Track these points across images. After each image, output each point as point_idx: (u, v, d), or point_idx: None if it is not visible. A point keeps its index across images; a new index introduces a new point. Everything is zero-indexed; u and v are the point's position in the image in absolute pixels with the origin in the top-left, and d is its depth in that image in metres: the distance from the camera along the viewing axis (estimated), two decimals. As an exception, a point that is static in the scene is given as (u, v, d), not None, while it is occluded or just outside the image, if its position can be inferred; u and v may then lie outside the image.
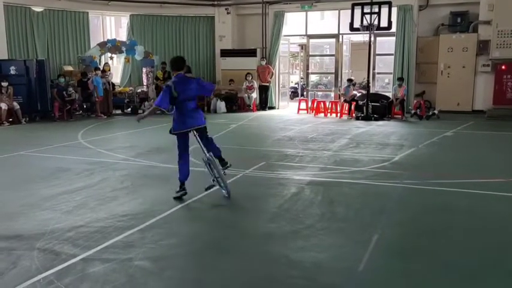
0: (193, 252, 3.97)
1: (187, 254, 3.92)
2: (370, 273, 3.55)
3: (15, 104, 12.35)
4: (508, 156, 8.04)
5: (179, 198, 5.39)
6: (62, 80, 13.37)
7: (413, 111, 13.36)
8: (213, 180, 5.46)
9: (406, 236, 4.35)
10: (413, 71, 14.32)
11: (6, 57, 13.10)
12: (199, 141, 5.46)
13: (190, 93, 5.38)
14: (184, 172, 5.49)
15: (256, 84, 15.70)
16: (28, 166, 7.33)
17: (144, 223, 4.56)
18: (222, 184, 5.47)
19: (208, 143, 5.58)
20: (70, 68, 14.82)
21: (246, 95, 15.60)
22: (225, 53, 15.97)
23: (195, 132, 5.42)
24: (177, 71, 5.46)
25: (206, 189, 5.51)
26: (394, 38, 14.41)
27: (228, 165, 5.80)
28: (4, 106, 12.05)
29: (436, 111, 13.09)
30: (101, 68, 14.41)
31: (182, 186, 5.48)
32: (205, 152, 5.43)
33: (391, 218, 4.85)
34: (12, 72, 12.71)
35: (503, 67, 13.21)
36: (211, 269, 3.64)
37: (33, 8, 14.08)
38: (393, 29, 13.34)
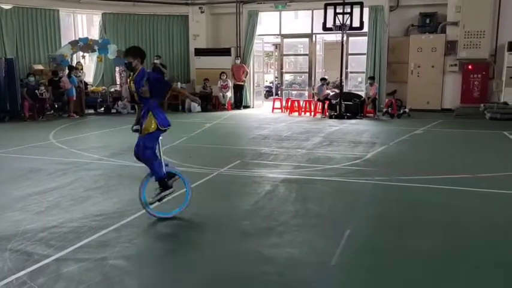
0: (168, 250, 4.00)
1: (162, 252, 3.95)
2: (342, 268, 3.65)
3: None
4: (474, 153, 8.33)
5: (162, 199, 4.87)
6: (31, 79, 13.10)
7: (385, 110, 13.64)
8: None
9: (377, 231, 4.48)
10: (385, 70, 14.61)
11: (-27, 56, 12.76)
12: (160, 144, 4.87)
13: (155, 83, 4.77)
14: (162, 167, 4.80)
15: (230, 84, 15.73)
16: (-2, 167, 7.19)
17: (118, 222, 4.56)
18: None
19: (156, 163, 4.83)
20: (40, 67, 14.52)
21: (221, 94, 15.61)
22: (199, 52, 15.94)
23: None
24: (142, 64, 4.78)
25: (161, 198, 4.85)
26: (366, 38, 14.67)
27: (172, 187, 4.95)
28: (-28, 106, 11.75)
29: (406, 110, 13.40)
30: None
31: (165, 188, 4.85)
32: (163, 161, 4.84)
33: (362, 214, 4.97)
34: (-20, 71, 12.39)
35: (469, 67, 13.63)
36: (186, 267, 3.67)
37: (1, 5, 13.73)
38: (365, 29, 13.58)
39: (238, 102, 15.93)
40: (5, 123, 12.34)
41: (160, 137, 4.78)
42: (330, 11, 12.76)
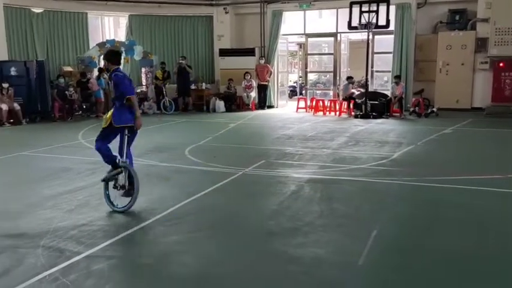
0: (195, 249, 4.04)
1: (189, 250, 3.98)
2: (369, 268, 3.62)
3: (15, 104, 12.40)
4: (505, 153, 8.12)
5: (113, 178, 5.12)
6: (61, 80, 13.43)
7: (412, 109, 13.43)
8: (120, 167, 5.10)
9: (404, 231, 4.43)
10: (412, 69, 14.38)
11: (7, 59, 13.14)
12: (127, 141, 5.11)
13: (132, 88, 5.17)
14: (111, 154, 5.14)
15: (254, 83, 15.76)
16: (30, 166, 7.39)
17: (146, 221, 4.63)
18: (126, 195, 5.05)
19: (129, 151, 5.26)
20: (69, 69, 14.86)
21: (245, 94, 15.66)
22: (224, 53, 16.01)
23: (127, 130, 5.08)
24: (117, 65, 5.18)
25: (105, 180, 5.16)
26: (392, 36, 14.48)
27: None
28: (5, 107, 12.10)
29: (434, 109, 13.17)
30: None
31: (114, 168, 5.15)
32: (124, 156, 5.11)
33: (389, 214, 4.92)
34: (13, 73, 12.75)
35: (501, 64, 13.29)
36: (213, 265, 3.70)
37: (32, 9, 14.12)
38: (391, 27, 13.39)
39: (262, 102, 15.94)
40: (36, 124, 12.68)
41: (126, 134, 5.07)
42: (356, 10, 12.65)
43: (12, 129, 11.76)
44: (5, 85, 12.23)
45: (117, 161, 5.11)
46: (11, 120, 12.35)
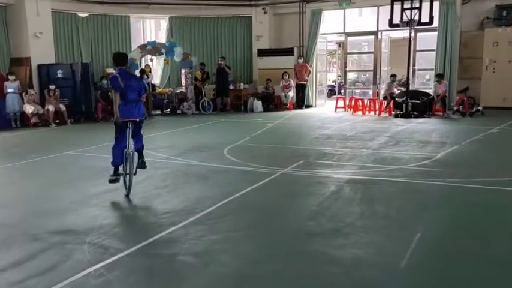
0: (234, 248, 4.06)
1: (230, 250, 4.01)
2: (412, 271, 3.53)
3: (61, 105, 12.89)
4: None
5: (114, 182, 5.63)
6: (104, 82, 13.79)
7: (455, 108, 13.03)
8: (119, 175, 5.67)
9: (448, 234, 4.29)
10: (456, 67, 13.96)
11: (54, 62, 13.67)
12: (130, 134, 5.62)
13: (132, 86, 5.64)
14: (118, 159, 5.64)
15: (293, 83, 15.71)
16: (75, 165, 7.65)
17: (186, 220, 4.69)
18: (126, 182, 5.57)
19: (138, 139, 5.83)
20: (112, 71, 15.26)
21: (283, 93, 15.64)
22: (262, 53, 16.05)
23: (130, 124, 5.58)
24: (120, 66, 5.81)
25: (109, 182, 5.66)
26: (435, 33, 14.09)
27: (146, 166, 5.98)
28: (51, 108, 12.60)
29: (480, 108, 12.72)
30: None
31: (116, 172, 5.68)
32: (131, 146, 5.62)
33: (432, 217, 4.78)
34: (59, 75, 13.26)
35: (551, 61, 12.70)
36: (252, 265, 3.72)
37: (78, 14, 14.64)
38: (435, 23, 13.02)
39: (300, 102, 15.87)
40: (80, 124, 13.13)
41: (130, 128, 5.59)
42: (397, 7, 12.37)
43: (58, 129, 12.22)
44: (52, 87, 12.75)
45: (119, 168, 5.65)
46: (57, 121, 12.84)
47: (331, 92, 20.46)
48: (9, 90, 12.38)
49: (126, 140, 5.60)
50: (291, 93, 15.75)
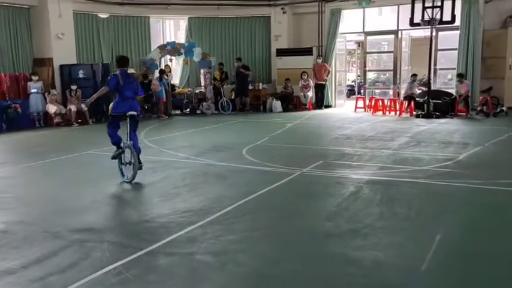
0: (252, 248, 4.05)
1: (247, 249, 4.00)
2: (433, 273, 3.46)
3: (83, 105, 13.07)
4: None
5: (118, 156, 6.43)
6: (125, 82, 13.96)
7: (479, 108, 12.78)
8: (122, 148, 6.44)
9: (469, 236, 4.21)
10: (479, 66, 13.69)
11: (75, 62, 13.89)
12: (129, 127, 6.38)
13: (130, 85, 6.45)
14: (116, 138, 6.56)
15: (312, 83, 15.64)
16: (96, 164, 7.76)
17: (205, 219, 4.71)
18: (130, 171, 6.28)
19: (135, 140, 6.46)
20: (132, 71, 15.34)
21: (302, 93, 15.57)
22: (281, 52, 16.02)
23: (128, 118, 6.34)
24: (122, 67, 6.60)
25: (113, 158, 6.50)
26: (457, 32, 13.84)
27: (141, 165, 6.39)
28: (73, 108, 12.80)
29: (504, 108, 12.46)
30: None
31: (118, 148, 6.51)
32: (128, 139, 6.36)
33: (454, 218, 4.69)
34: (81, 75, 13.46)
35: None
36: (270, 265, 3.70)
37: (99, 15, 14.84)
38: (457, 22, 12.79)
39: (320, 102, 15.79)
40: (101, 124, 13.27)
41: (122, 121, 6.42)
42: (418, 5, 12.19)
43: (80, 129, 12.41)
44: (74, 87, 12.95)
45: (122, 144, 6.42)
46: (79, 120, 13.03)
47: (350, 92, 20.30)
48: (33, 90, 12.63)
49: (118, 126, 6.53)
50: (310, 93, 15.68)
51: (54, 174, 7.17)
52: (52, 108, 12.71)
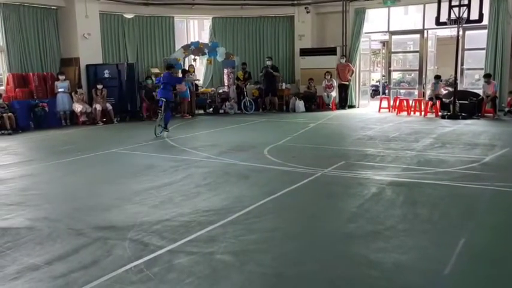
0: (272, 248, 4.04)
1: (267, 250, 3.99)
2: (456, 277, 3.39)
3: (108, 105, 13.31)
4: None
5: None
6: (149, 81, 14.15)
7: (507, 109, 12.46)
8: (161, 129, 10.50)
9: (496, 241, 4.10)
10: (507, 66, 13.35)
11: (101, 62, 14.13)
12: (163, 107, 10.48)
13: (167, 80, 10.72)
14: (168, 118, 10.66)
15: (335, 83, 15.51)
16: (120, 162, 7.87)
17: (225, 219, 4.72)
18: (158, 127, 10.45)
19: (167, 114, 10.65)
20: (157, 70, 15.64)
21: (325, 93, 15.47)
22: (305, 52, 15.95)
23: (164, 101, 10.47)
24: (167, 70, 11.15)
25: (157, 135, 10.30)
26: (485, 31, 13.52)
27: (167, 130, 10.64)
28: (99, 107, 13.03)
29: (533, 109, 12.12)
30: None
31: (166, 128, 10.60)
32: (161, 114, 10.57)
33: (479, 222, 4.58)
34: (106, 75, 13.70)
35: None
36: (291, 266, 3.68)
37: (124, 15, 15.06)
38: (485, 21, 12.49)
39: (343, 102, 15.66)
40: (126, 123, 13.50)
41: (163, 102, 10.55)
42: (445, 4, 11.95)
43: (105, 128, 12.61)
44: (99, 86, 13.18)
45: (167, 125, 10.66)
46: (104, 119, 13.25)
47: (375, 92, 20.07)
48: (60, 89, 12.92)
49: (167, 110, 10.61)
50: (334, 93, 15.56)
51: (79, 172, 7.30)
52: (78, 107, 12.97)
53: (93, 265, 3.66)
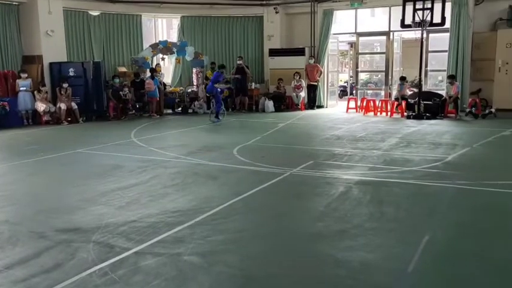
0: (241, 249, 4.03)
1: (235, 250, 3.98)
2: (419, 275, 3.47)
3: (73, 104, 12.98)
4: None
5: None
6: (116, 80, 13.89)
7: (468, 110, 12.86)
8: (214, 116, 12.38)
9: (458, 238, 4.21)
10: (468, 68, 13.76)
11: (65, 60, 13.76)
12: (212, 100, 12.78)
13: (213, 78, 12.58)
14: (217, 109, 12.55)
15: (304, 83, 15.64)
16: (85, 163, 7.68)
17: (193, 219, 4.68)
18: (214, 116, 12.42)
19: (217, 104, 12.58)
20: (124, 69, 15.38)
21: (294, 94, 15.58)
22: (274, 53, 16.01)
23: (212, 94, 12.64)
24: (219, 70, 12.78)
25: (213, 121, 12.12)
26: (447, 34, 13.92)
27: (220, 118, 12.46)
28: (63, 106, 12.69)
29: (493, 110, 12.54)
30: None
31: (217, 117, 12.49)
32: (212, 105, 12.66)
33: (442, 220, 4.71)
34: (71, 73, 13.34)
35: None
36: (259, 266, 3.68)
37: (90, 12, 14.72)
38: (447, 24, 12.84)
39: (312, 102, 15.79)
40: (92, 123, 13.20)
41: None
42: (409, 7, 12.24)
43: (70, 128, 12.30)
44: (64, 85, 12.84)
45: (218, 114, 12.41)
46: (69, 119, 12.92)
47: (343, 93, 20.33)
48: (21, 88, 12.50)
49: (218, 102, 12.62)
50: (303, 94, 15.69)
51: (42, 173, 7.09)
52: (41, 106, 12.59)
53: (56, 269, 3.56)
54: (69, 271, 3.50)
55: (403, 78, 14.08)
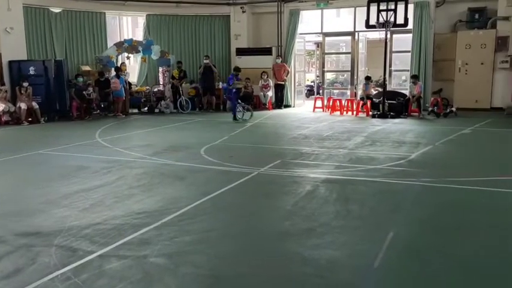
0: (209, 249, 4.00)
1: (203, 250, 3.95)
2: (385, 271, 3.53)
3: (34, 103, 12.57)
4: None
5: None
6: (80, 79, 13.56)
7: (430, 109, 13.22)
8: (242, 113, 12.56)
9: (422, 234, 4.32)
10: (430, 68, 14.16)
11: (26, 58, 13.32)
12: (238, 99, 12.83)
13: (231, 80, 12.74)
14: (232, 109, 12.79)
15: (271, 83, 15.69)
16: (47, 164, 7.46)
17: (159, 220, 4.61)
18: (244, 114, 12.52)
19: (232, 105, 12.87)
20: (87, 68, 15.02)
21: (262, 93, 15.60)
22: (241, 52, 15.99)
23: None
24: (235, 73, 12.86)
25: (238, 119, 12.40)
26: (410, 35, 14.27)
27: (237, 119, 12.50)
28: (23, 106, 12.28)
29: (453, 109, 12.94)
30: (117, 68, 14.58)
31: (235, 118, 12.49)
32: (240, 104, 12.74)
33: (406, 216, 4.81)
34: (31, 72, 12.93)
35: (522, 63, 12.98)
36: (226, 266, 3.66)
37: (51, 9, 14.29)
38: (410, 25, 13.18)
39: (279, 102, 15.87)
40: (54, 123, 12.84)
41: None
42: (373, 8, 12.48)
43: (31, 128, 11.92)
44: (25, 84, 12.42)
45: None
46: (30, 119, 12.52)
47: (309, 92, 20.51)
48: (-21, 87, 12.02)
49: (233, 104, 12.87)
50: (270, 93, 15.73)
51: (2, 175, 6.83)
52: (0, 106, 12.14)
53: (16, 274, 3.43)
54: (30, 276, 3.38)
55: (368, 78, 14.34)
